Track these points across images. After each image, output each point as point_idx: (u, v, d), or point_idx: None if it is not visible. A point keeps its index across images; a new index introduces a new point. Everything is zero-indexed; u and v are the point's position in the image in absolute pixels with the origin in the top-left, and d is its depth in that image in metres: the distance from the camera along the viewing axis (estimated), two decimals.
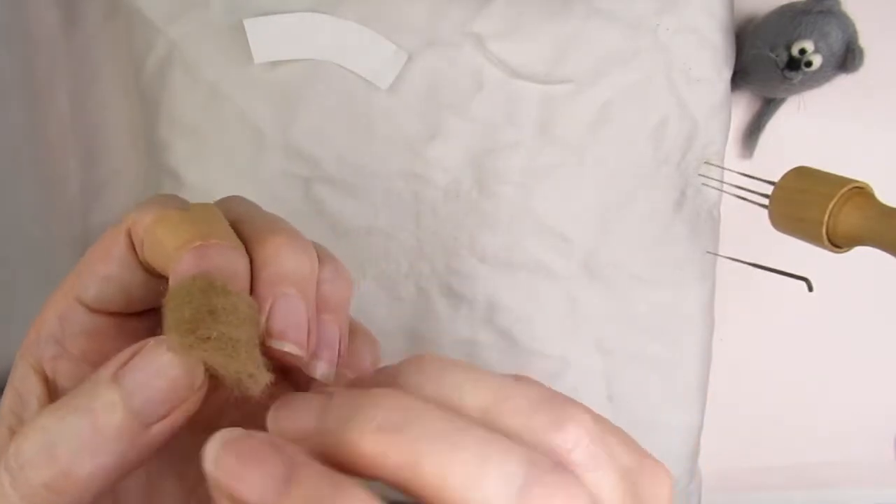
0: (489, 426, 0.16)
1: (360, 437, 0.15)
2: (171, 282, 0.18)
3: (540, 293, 0.46)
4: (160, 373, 0.17)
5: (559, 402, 0.17)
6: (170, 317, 0.17)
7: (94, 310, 0.21)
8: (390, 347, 0.46)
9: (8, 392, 0.20)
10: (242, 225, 0.21)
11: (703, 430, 0.48)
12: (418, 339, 0.46)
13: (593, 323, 0.46)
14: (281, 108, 0.43)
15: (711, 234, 0.46)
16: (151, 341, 0.17)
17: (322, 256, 0.21)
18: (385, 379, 0.18)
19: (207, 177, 0.44)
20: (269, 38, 0.42)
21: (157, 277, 0.21)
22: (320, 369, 0.20)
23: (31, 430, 0.17)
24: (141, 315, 0.22)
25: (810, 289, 0.38)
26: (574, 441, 0.16)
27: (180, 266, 0.18)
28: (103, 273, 0.21)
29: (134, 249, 0.21)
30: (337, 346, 0.20)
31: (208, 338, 0.17)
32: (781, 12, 0.43)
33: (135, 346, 0.17)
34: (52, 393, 0.20)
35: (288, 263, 0.19)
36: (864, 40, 0.42)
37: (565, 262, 0.45)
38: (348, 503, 0.14)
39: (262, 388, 0.18)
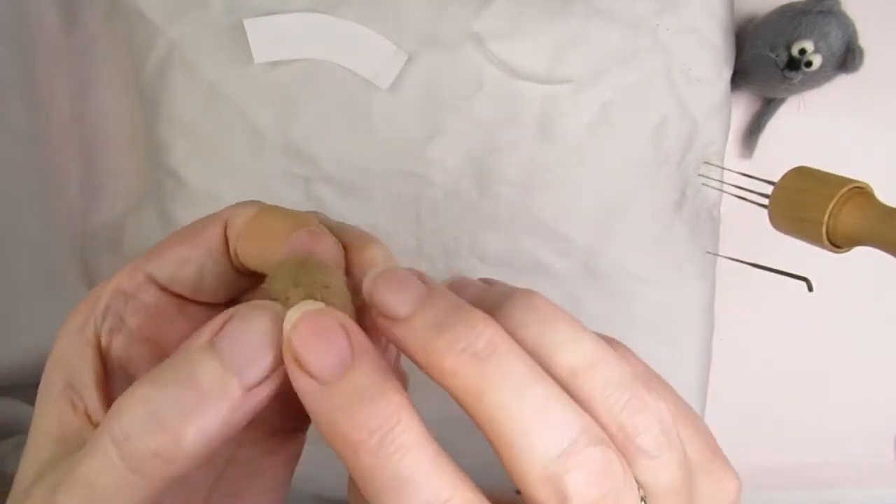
0: (571, 387, 0.17)
1: (445, 353, 0.17)
2: (284, 254, 0.20)
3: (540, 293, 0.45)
4: (257, 335, 0.17)
5: (642, 385, 0.18)
6: (282, 279, 0.18)
7: (163, 288, 0.22)
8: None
9: (60, 363, 0.21)
10: (337, 232, 0.22)
11: None
12: None
13: (593, 323, 0.46)
14: (281, 108, 0.43)
15: (711, 234, 0.46)
16: (243, 306, 0.18)
17: None
18: (493, 298, 0.19)
19: (207, 177, 0.44)
20: (269, 38, 0.42)
21: (239, 271, 0.22)
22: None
23: (130, 401, 0.17)
24: (203, 303, 0.23)
25: (810, 289, 0.38)
26: (644, 426, 0.17)
27: (293, 241, 0.20)
28: (186, 255, 0.22)
29: (225, 240, 0.22)
30: None
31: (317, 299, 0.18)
32: (781, 12, 0.43)
33: (226, 313, 0.18)
34: (106, 365, 0.21)
35: (380, 260, 0.21)
36: (864, 40, 0.42)
37: (565, 262, 0.45)
38: (383, 407, 0.16)
39: None
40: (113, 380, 0.21)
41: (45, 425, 0.20)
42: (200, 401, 0.17)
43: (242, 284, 0.23)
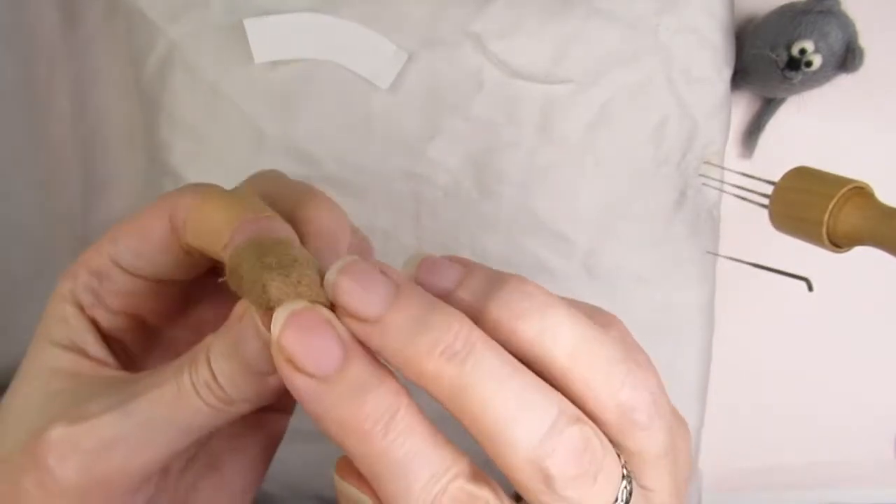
0: (571, 371, 0.18)
1: (425, 356, 0.17)
2: (230, 250, 0.20)
3: None
4: (257, 332, 0.19)
5: (633, 363, 0.19)
6: (248, 268, 0.19)
7: (128, 272, 0.23)
8: None
9: (58, 322, 0.22)
10: (280, 197, 0.23)
11: (703, 430, 0.48)
12: None
13: None
14: (281, 108, 0.43)
15: (711, 234, 0.46)
16: (236, 318, 0.20)
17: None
18: (479, 285, 0.19)
19: (207, 177, 0.44)
20: (269, 38, 0.42)
21: (193, 255, 0.23)
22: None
23: (203, 357, 0.20)
24: (174, 280, 0.24)
25: (810, 289, 0.38)
26: (638, 401, 0.18)
27: (237, 235, 0.20)
28: (137, 248, 0.22)
29: (173, 231, 0.22)
30: None
31: (279, 272, 0.18)
32: (781, 12, 0.43)
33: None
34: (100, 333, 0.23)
35: (326, 222, 0.22)
36: (864, 40, 0.42)
37: (565, 262, 0.45)
38: (384, 394, 0.17)
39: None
40: (109, 343, 0.23)
41: (50, 364, 0.21)
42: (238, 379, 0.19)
43: (205, 262, 0.23)
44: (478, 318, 0.18)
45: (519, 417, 0.17)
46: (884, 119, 0.48)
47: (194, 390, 0.19)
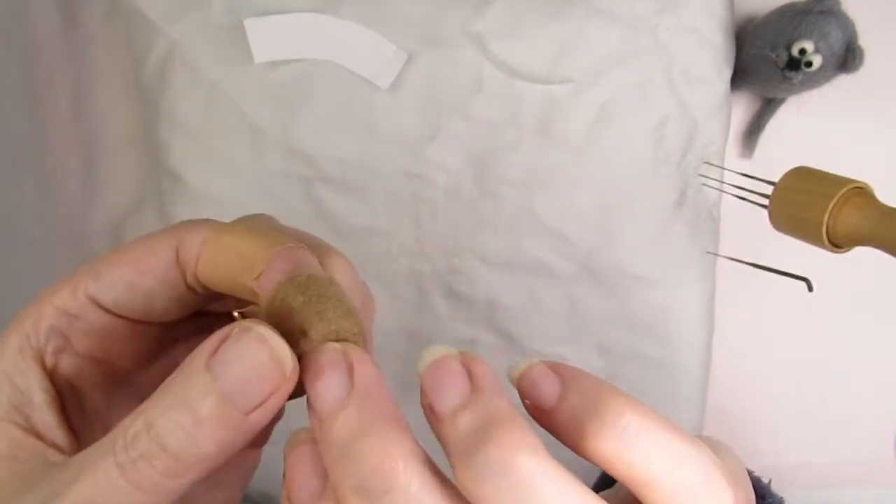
0: (654, 481, 0.17)
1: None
2: (267, 281, 0.19)
3: (540, 293, 0.46)
4: (252, 361, 0.17)
5: (717, 491, 0.17)
6: (296, 303, 0.18)
7: (108, 311, 0.21)
8: (390, 347, 0.46)
9: (1, 387, 0.20)
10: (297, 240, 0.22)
11: (703, 430, 0.48)
12: (418, 339, 0.46)
13: (593, 323, 0.46)
14: (281, 108, 0.43)
15: (711, 234, 0.46)
16: (237, 328, 0.18)
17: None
18: (582, 404, 0.18)
19: (207, 177, 0.44)
20: (269, 38, 0.42)
21: (195, 292, 0.22)
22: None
23: (135, 425, 0.17)
24: (154, 323, 0.22)
25: (810, 289, 0.38)
26: None
27: (275, 264, 0.19)
28: (131, 281, 0.21)
29: (177, 264, 0.21)
30: None
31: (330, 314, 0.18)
32: (781, 12, 0.43)
33: (222, 332, 0.18)
34: (56, 384, 0.21)
35: (350, 278, 0.21)
36: (864, 40, 0.42)
37: (565, 262, 0.45)
38: (370, 452, 0.16)
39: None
40: (63, 398, 0.21)
41: None
42: (199, 426, 0.17)
43: (197, 302, 0.22)
44: (576, 445, 0.17)
45: None
46: (884, 119, 0.48)
47: (122, 476, 0.17)
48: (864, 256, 0.34)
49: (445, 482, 0.16)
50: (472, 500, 0.16)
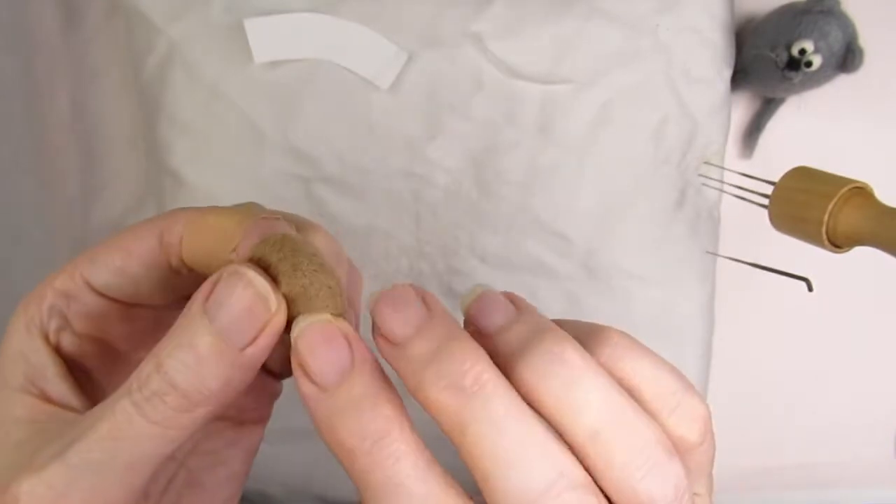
0: (590, 447, 0.18)
1: (431, 386, 0.17)
2: (244, 248, 0.20)
3: (540, 293, 0.46)
4: (239, 299, 0.19)
5: (663, 450, 0.18)
6: (270, 254, 0.19)
7: (101, 294, 0.22)
8: None
9: (15, 361, 0.21)
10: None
11: None
12: None
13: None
14: (281, 108, 0.43)
15: (711, 234, 0.46)
16: (225, 272, 0.19)
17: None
18: (518, 337, 0.19)
19: (207, 177, 0.44)
20: (269, 38, 0.42)
21: (180, 275, 0.23)
22: None
23: (150, 367, 0.19)
24: (146, 305, 0.23)
25: (810, 289, 0.38)
26: (658, 495, 0.18)
27: (256, 227, 0.20)
28: (119, 265, 0.22)
29: (161, 250, 0.22)
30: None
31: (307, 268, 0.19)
32: (781, 12, 0.43)
33: (214, 277, 0.19)
34: (64, 360, 0.22)
35: (332, 248, 0.22)
36: (864, 40, 0.42)
37: (565, 262, 0.45)
38: (374, 418, 0.17)
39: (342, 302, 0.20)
40: (73, 372, 0.22)
41: (8, 414, 0.21)
42: (201, 363, 0.18)
43: (185, 285, 0.23)
44: (508, 372, 0.18)
45: (516, 468, 0.17)
46: (884, 119, 0.48)
47: (138, 413, 0.18)
48: (864, 256, 0.34)
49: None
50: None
